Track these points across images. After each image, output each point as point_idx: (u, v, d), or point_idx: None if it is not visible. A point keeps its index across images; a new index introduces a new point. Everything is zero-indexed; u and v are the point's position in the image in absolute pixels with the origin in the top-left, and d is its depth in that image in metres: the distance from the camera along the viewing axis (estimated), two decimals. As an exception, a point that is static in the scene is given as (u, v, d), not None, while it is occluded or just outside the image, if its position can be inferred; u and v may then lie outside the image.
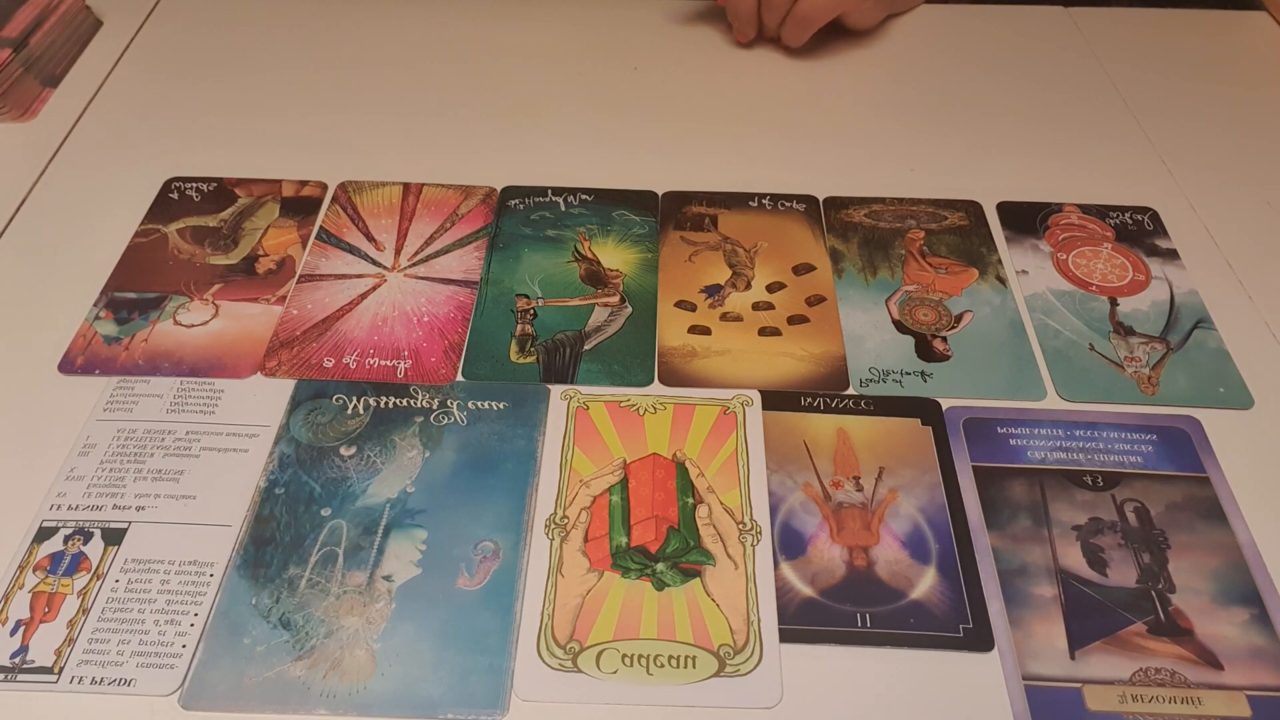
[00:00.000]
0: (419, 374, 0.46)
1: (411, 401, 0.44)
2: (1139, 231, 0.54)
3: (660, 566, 0.39)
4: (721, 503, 0.41)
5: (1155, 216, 0.55)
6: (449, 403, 0.44)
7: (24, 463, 0.42)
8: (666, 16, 0.69)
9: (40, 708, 0.35)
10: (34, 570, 0.38)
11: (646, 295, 0.50)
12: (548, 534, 0.40)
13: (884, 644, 0.37)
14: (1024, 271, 0.51)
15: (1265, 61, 0.67)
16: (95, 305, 0.48)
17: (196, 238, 0.52)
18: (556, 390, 0.45)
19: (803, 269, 0.51)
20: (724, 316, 0.49)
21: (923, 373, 0.46)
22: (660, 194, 0.55)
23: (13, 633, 0.37)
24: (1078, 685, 0.36)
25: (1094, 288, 0.50)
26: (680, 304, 0.49)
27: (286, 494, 0.41)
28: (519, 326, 0.48)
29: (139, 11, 0.69)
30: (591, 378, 0.46)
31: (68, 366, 0.46)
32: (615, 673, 0.36)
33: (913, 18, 0.70)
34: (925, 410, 0.44)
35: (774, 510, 0.41)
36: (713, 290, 0.50)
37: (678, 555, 0.39)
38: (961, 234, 0.53)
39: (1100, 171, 0.58)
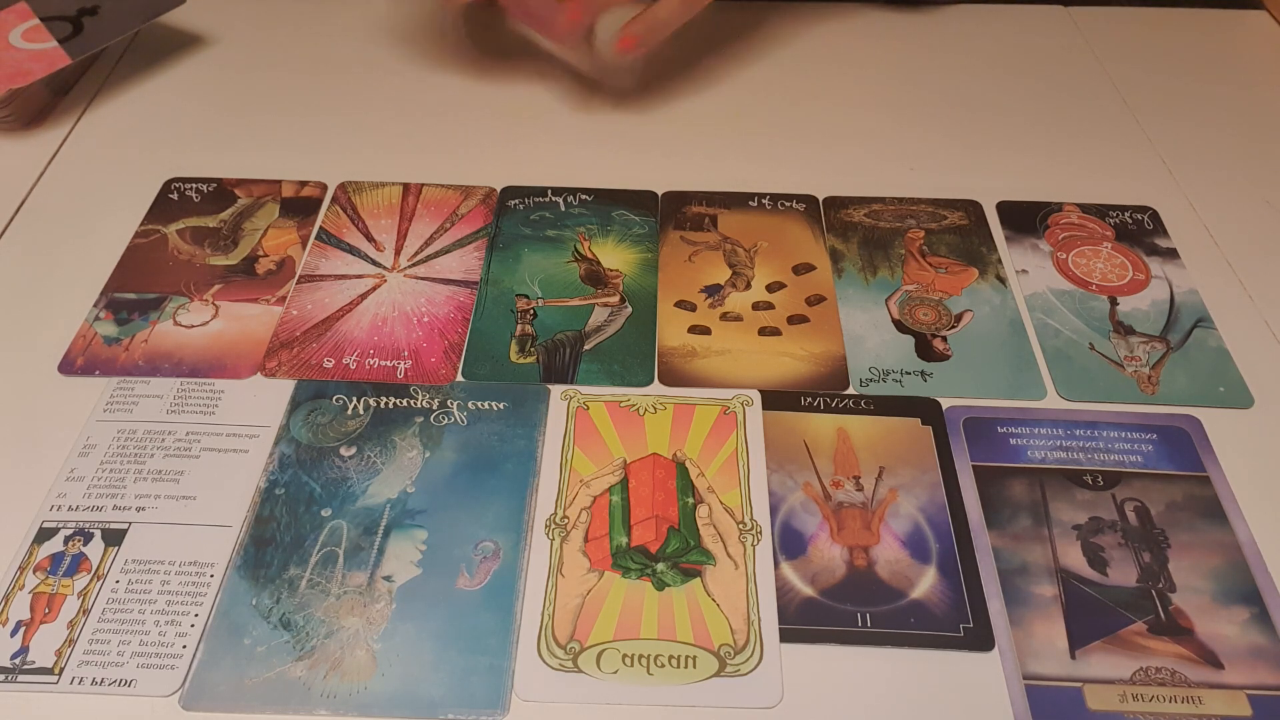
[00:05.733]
0: (419, 374, 0.46)
1: (411, 402, 0.44)
2: (1139, 231, 0.54)
3: (660, 566, 0.39)
4: (721, 502, 0.41)
5: (1155, 216, 0.55)
6: (449, 403, 0.44)
7: (24, 463, 0.42)
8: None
9: (41, 708, 0.35)
10: (34, 571, 0.38)
11: (646, 295, 0.50)
12: (548, 534, 0.40)
13: (884, 644, 0.37)
14: (1024, 271, 0.51)
15: (1265, 61, 0.67)
16: (95, 306, 0.48)
17: (196, 238, 0.52)
18: (556, 390, 0.45)
19: (803, 269, 0.51)
20: (724, 316, 0.49)
21: (923, 372, 0.46)
22: (660, 194, 0.55)
23: (13, 633, 0.37)
24: (1078, 685, 0.36)
25: (1094, 287, 0.50)
26: (680, 304, 0.49)
27: (287, 494, 0.41)
28: (519, 326, 0.48)
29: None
30: (591, 378, 0.46)
31: (68, 367, 0.46)
32: (616, 673, 0.36)
33: (911, 17, 0.70)
34: (925, 410, 0.44)
35: (774, 510, 0.41)
36: (713, 290, 0.50)
37: (678, 555, 0.39)
38: (961, 233, 0.53)
39: (1100, 171, 0.58)
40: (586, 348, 0.47)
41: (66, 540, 0.39)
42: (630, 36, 0.55)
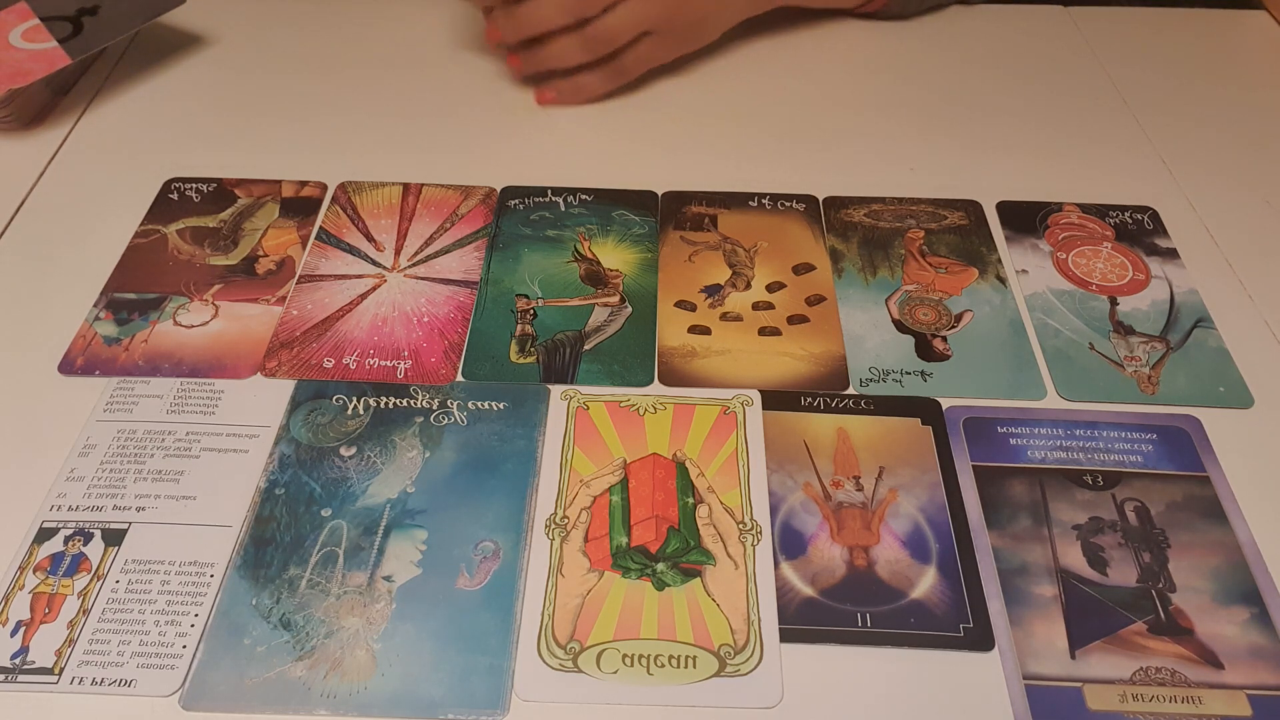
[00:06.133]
0: (419, 374, 0.46)
1: (411, 402, 0.44)
2: (1139, 231, 0.54)
3: (660, 566, 0.39)
4: (721, 502, 0.41)
5: (1155, 216, 0.55)
6: (449, 403, 0.44)
7: (24, 463, 0.42)
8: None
9: (41, 708, 0.35)
10: (34, 571, 0.38)
11: (646, 295, 0.50)
12: (548, 534, 0.40)
13: (884, 644, 0.37)
14: (1024, 271, 0.51)
15: (1265, 61, 0.67)
16: (95, 306, 0.48)
17: (196, 238, 0.52)
18: (556, 390, 0.45)
19: (803, 269, 0.51)
20: (724, 316, 0.49)
21: (923, 372, 0.46)
22: (660, 194, 0.55)
23: (13, 633, 0.37)
24: (1078, 685, 0.36)
25: (1094, 287, 0.50)
26: (680, 304, 0.49)
27: (287, 494, 0.41)
28: (519, 326, 0.48)
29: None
30: (591, 378, 0.46)
31: (68, 367, 0.46)
32: (616, 673, 0.36)
33: (913, 18, 0.70)
34: (925, 410, 0.44)
35: (774, 510, 0.41)
36: (713, 290, 0.50)
37: (678, 555, 0.39)
38: (961, 233, 0.53)
39: (1100, 171, 0.58)
40: (586, 348, 0.47)
41: (66, 540, 0.39)
42: (551, 91, 0.61)
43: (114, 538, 0.39)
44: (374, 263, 0.51)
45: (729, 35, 0.67)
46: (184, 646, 0.36)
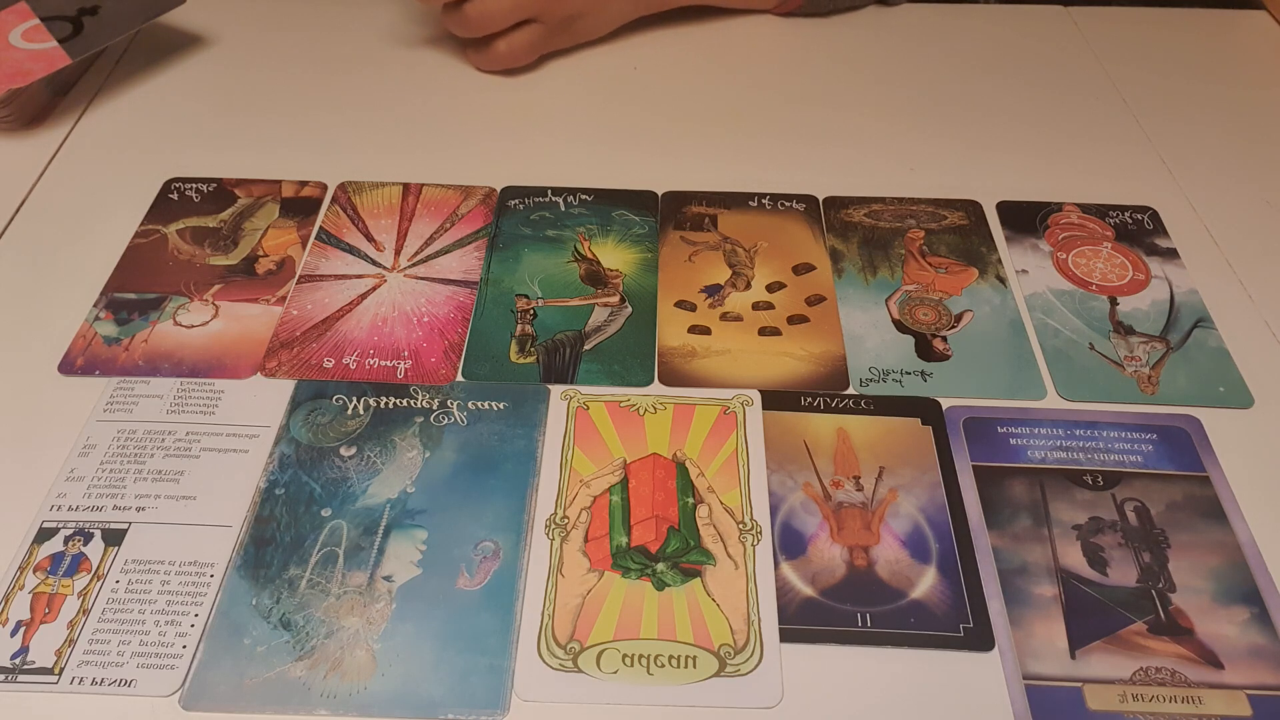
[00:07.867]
0: (419, 374, 0.46)
1: (411, 402, 0.44)
2: (1139, 231, 0.54)
3: (660, 566, 0.39)
4: (721, 502, 0.41)
5: (1155, 216, 0.55)
6: (449, 403, 0.44)
7: (24, 463, 0.42)
8: (665, 17, 0.68)
9: (41, 708, 0.35)
10: (34, 571, 0.38)
11: (646, 295, 0.50)
12: (548, 534, 0.40)
13: (884, 644, 0.37)
14: (1024, 271, 0.51)
15: (1265, 61, 0.67)
16: (95, 306, 0.48)
17: (196, 238, 0.52)
18: (556, 390, 0.45)
19: (803, 269, 0.51)
20: (724, 316, 0.49)
21: (923, 372, 0.46)
22: (660, 194, 0.55)
23: (13, 633, 0.37)
24: (1078, 685, 0.36)
25: (1094, 287, 0.50)
26: (680, 304, 0.49)
27: (287, 494, 0.41)
28: (519, 326, 0.48)
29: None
30: (591, 378, 0.46)
31: (68, 367, 0.46)
32: (616, 673, 0.36)
33: (913, 18, 0.70)
34: (925, 410, 0.44)
35: (774, 510, 0.41)
36: (713, 290, 0.50)
37: (678, 555, 0.39)
38: (961, 233, 0.53)
39: (1100, 171, 0.58)
40: (586, 348, 0.47)
41: (66, 540, 0.39)
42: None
43: (114, 538, 0.39)
44: (374, 263, 0.51)
45: (728, 34, 0.68)
46: (184, 646, 0.36)
